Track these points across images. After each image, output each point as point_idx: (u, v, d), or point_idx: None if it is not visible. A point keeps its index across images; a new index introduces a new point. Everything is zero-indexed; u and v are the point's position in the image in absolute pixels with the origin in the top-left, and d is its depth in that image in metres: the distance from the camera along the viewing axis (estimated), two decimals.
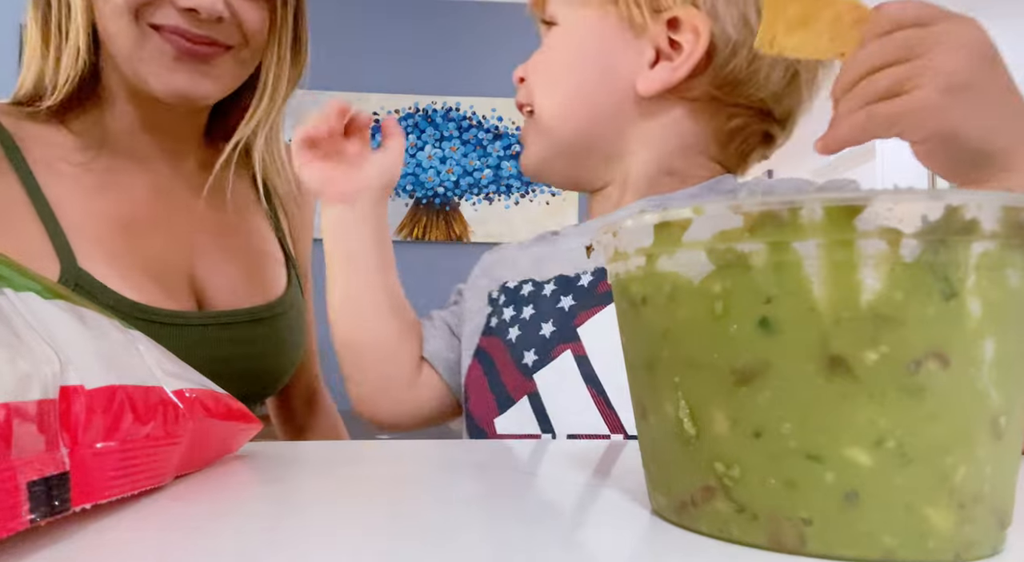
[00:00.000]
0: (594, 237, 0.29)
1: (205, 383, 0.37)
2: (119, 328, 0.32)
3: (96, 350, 0.27)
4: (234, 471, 0.37)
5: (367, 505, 0.29)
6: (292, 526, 0.26)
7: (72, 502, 0.24)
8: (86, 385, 0.25)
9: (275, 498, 0.31)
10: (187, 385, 0.34)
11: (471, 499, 0.31)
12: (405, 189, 3.21)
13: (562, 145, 0.63)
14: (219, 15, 0.67)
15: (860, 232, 0.21)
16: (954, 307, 0.21)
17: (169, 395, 0.32)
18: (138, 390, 0.29)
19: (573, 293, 0.58)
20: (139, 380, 0.30)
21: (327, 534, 0.24)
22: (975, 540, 0.22)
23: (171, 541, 0.24)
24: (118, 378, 0.28)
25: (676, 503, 0.25)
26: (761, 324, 0.22)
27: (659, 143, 0.60)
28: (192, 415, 0.33)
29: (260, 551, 0.23)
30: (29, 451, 0.22)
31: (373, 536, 0.25)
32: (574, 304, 0.57)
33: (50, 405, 0.23)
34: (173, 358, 0.37)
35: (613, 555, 0.23)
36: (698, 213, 0.23)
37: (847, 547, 0.21)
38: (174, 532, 0.25)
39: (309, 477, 0.35)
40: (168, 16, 0.66)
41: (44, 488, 0.22)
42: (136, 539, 0.24)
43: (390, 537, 0.25)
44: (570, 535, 0.25)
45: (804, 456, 0.22)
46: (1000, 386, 0.22)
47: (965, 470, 0.21)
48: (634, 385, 0.28)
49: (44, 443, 0.23)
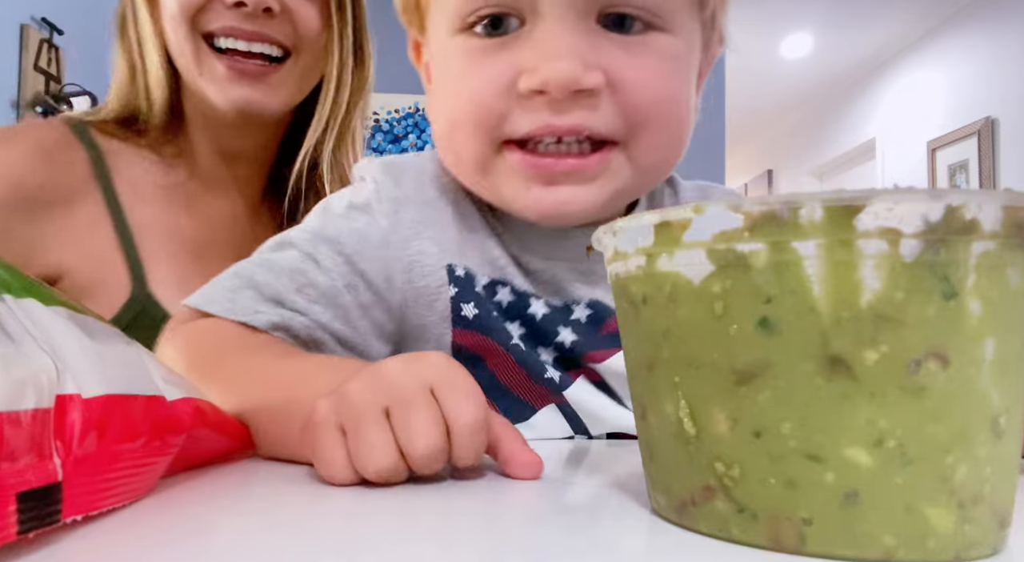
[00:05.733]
0: (594, 237, 0.29)
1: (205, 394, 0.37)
2: (123, 338, 0.31)
3: (96, 359, 0.27)
4: (223, 482, 0.36)
5: (362, 504, 0.29)
6: (289, 527, 0.26)
7: (63, 514, 0.23)
8: (83, 394, 0.25)
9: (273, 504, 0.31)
10: (189, 394, 0.34)
11: (471, 499, 0.31)
12: None
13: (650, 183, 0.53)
14: (267, 5, 0.67)
15: (860, 232, 0.21)
16: (954, 307, 0.21)
17: (169, 404, 0.31)
18: (138, 399, 0.28)
19: (572, 327, 0.52)
20: (140, 389, 0.29)
21: (321, 536, 0.24)
22: (975, 540, 0.22)
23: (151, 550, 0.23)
24: (118, 387, 0.27)
25: (676, 503, 0.25)
26: (761, 324, 0.22)
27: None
28: (189, 424, 0.32)
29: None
30: (21, 460, 0.21)
31: (373, 535, 0.25)
32: (577, 340, 0.51)
33: (45, 414, 0.23)
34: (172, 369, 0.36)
35: (613, 555, 0.23)
36: (698, 213, 0.23)
37: (847, 547, 0.21)
38: (154, 540, 0.24)
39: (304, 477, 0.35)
40: (219, 17, 0.67)
41: (34, 499, 0.21)
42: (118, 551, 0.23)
43: (390, 536, 0.25)
44: (570, 535, 0.25)
45: (804, 456, 0.22)
46: (1000, 386, 0.22)
47: (965, 470, 0.21)
48: (634, 385, 0.28)
49: (37, 452, 0.22)
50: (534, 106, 0.44)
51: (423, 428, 0.32)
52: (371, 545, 0.24)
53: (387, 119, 3.25)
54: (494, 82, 0.45)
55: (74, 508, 0.24)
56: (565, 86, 0.43)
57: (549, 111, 0.44)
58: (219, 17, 0.67)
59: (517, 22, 0.45)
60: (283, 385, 0.41)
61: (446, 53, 0.48)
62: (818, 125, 4.97)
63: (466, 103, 0.47)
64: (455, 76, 0.48)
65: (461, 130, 0.47)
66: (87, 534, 0.24)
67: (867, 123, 4.42)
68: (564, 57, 0.43)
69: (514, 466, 0.34)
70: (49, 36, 2.32)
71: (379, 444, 0.31)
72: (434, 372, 0.34)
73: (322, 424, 0.33)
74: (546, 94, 0.44)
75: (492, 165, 0.47)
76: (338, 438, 0.32)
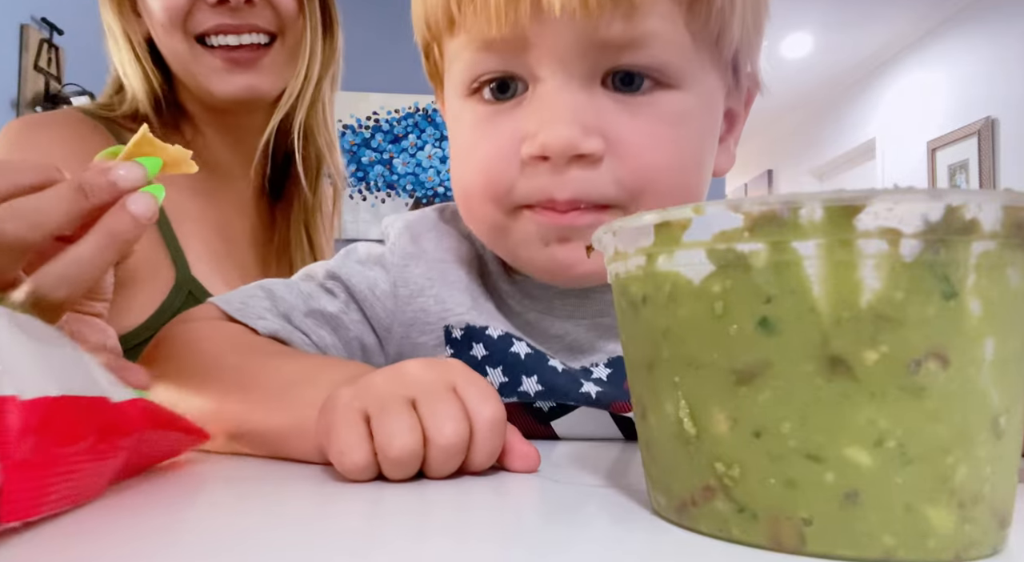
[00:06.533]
0: (594, 236, 0.29)
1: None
2: (64, 339, 0.30)
3: (35, 359, 0.26)
4: (174, 481, 0.34)
5: (357, 504, 0.29)
6: (300, 525, 0.26)
7: (2, 518, 0.22)
8: (21, 396, 0.24)
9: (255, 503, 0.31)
10: (133, 395, 0.32)
11: (471, 498, 0.31)
12: (405, 189, 3.21)
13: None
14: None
15: (860, 232, 0.21)
16: (954, 307, 0.21)
17: (115, 406, 0.30)
18: (81, 401, 0.27)
19: (594, 382, 0.50)
20: (82, 390, 0.28)
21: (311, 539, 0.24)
22: (975, 540, 0.22)
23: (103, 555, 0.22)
24: (59, 389, 0.26)
25: (676, 503, 0.25)
26: (761, 324, 0.22)
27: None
28: (137, 425, 0.31)
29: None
30: None
31: (371, 535, 0.25)
32: (602, 392, 0.50)
33: None
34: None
35: (613, 555, 0.23)
36: (698, 213, 0.23)
37: (847, 547, 0.21)
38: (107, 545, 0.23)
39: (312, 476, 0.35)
40: (206, 18, 0.71)
41: None
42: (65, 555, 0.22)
43: (388, 536, 0.25)
44: (570, 535, 0.25)
45: (804, 456, 0.22)
46: (1000, 386, 0.22)
47: (965, 470, 0.21)
48: (634, 385, 0.28)
49: None
50: (537, 172, 0.43)
51: (453, 415, 0.33)
52: (369, 543, 0.24)
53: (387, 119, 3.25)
54: (500, 150, 0.45)
55: (14, 513, 0.23)
56: (563, 152, 0.42)
57: (550, 177, 0.43)
58: (206, 17, 0.71)
59: (523, 86, 0.44)
60: (288, 381, 0.42)
61: (458, 117, 0.48)
62: (818, 125, 4.97)
63: (475, 173, 0.46)
64: (465, 143, 0.47)
65: (473, 199, 0.47)
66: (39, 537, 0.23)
67: (867, 123, 4.43)
68: (563, 121, 0.42)
69: (513, 457, 0.35)
70: (49, 36, 2.32)
71: (406, 425, 0.32)
72: (455, 373, 0.35)
73: (344, 407, 0.33)
74: (548, 160, 0.43)
75: (508, 230, 0.47)
76: (360, 421, 0.33)
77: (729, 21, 0.44)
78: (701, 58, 0.44)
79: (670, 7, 0.42)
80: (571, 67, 0.42)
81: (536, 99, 0.44)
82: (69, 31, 2.40)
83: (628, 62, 0.43)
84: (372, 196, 3.25)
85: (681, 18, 0.42)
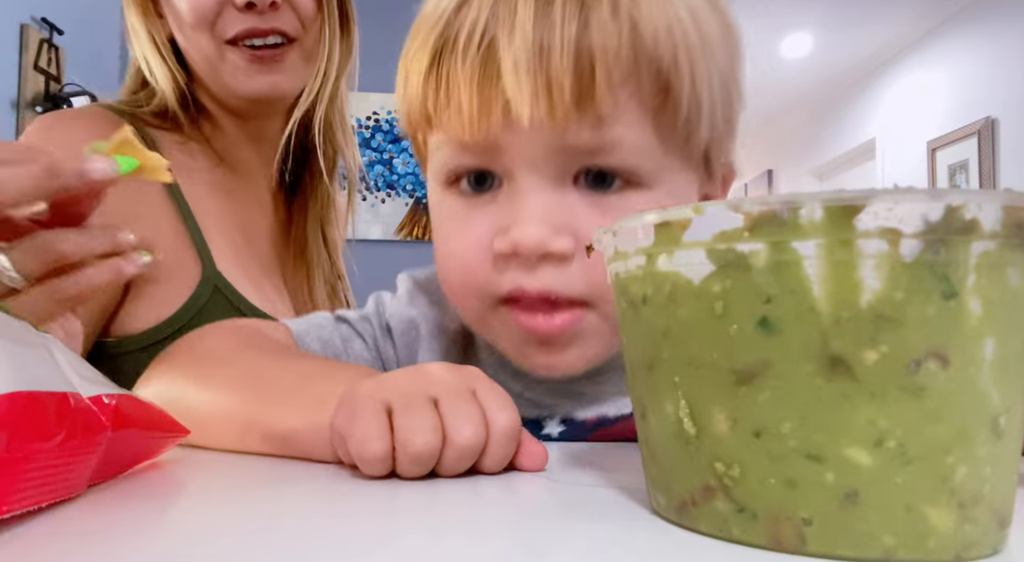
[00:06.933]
0: (594, 237, 0.29)
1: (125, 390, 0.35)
2: (30, 332, 0.30)
3: (0, 355, 0.26)
4: (155, 481, 0.34)
5: (368, 503, 0.29)
6: (316, 521, 0.26)
7: None
8: None
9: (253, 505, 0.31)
10: (106, 390, 0.32)
11: (471, 498, 0.31)
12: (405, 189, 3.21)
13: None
14: (271, 0, 0.72)
15: (860, 232, 0.21)
16: (954, 307, 0.21)
17: (86, 402, 0.30)
18: (50, 397, 0.27)
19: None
20: (51, 386, 0.27)
21: (325, 535, 0.24)
22: (975, 540, 0.22)
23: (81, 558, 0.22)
24: (26, 384, 0.26)
25: (676, 503, 0.25)
26: (761, 324, 0.22)
27: None
28: (111, 423, 0.31)
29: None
30: None
31: (370, 534, 0.25)
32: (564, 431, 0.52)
33: None
34: (88, 365, 0.34)
35: (613, 555, 0.23)
36: (698, 213, 0.23)
37: (847, 547, 0.21)
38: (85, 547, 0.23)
39: (324, 475, 0.35)
40: (235, 21, 0.72)
41: None
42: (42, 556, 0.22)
43: (387, 535, 0.25)
44: (570, 535, 0.25)
45: (804, 456, 0.22)
46: (1000, 386, 0.22)
47: (965, 470, 0.21)
48: (634, 385, 0.28)
49: None
50: (508, 266, 0.44)
51: (472, 418, 0.34)
52: (369, 542, 0.24)
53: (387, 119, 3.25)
54: (475, 245, 0.45)
55: None
56: (533, 250, 0.42)
57: (521, 271, 0.43)
58: (234, 21, 0.72)
59: (498, 181, 0.45)
60: (304, 375, 0.43)
61: (439, 206, 0.49)
62: (818, 125, 4.97)
63: (454, 267, 0.47)
64: (443, 235, 0.48)
65: (455, 291, 0.48)
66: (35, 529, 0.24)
67: (867, 123, 4.42)
68: (534, 221, 0.42)
69: (522, 455, 0.36)
70: (49, 36, 2.32)
71: (428, 423, 0.33)
72: (476, 378, 0.37)
73: (366, 399, 0.34)
74: (518, 256, 0.43)
75: (489, 323, 0.47)
76: (381, 413, 0.33)
77: (696, 124, 0.44)
78: (671, 159, 0.44)
79: (637, 115, 0.42)
80: (543, 169, 0.43)
81: (510, 196, 0.44)
82: (69, 31, 2.39)
83: (599, 163, 0.43)
84: (372, 196, 3.25)
85: (648, 124, 0.43)
